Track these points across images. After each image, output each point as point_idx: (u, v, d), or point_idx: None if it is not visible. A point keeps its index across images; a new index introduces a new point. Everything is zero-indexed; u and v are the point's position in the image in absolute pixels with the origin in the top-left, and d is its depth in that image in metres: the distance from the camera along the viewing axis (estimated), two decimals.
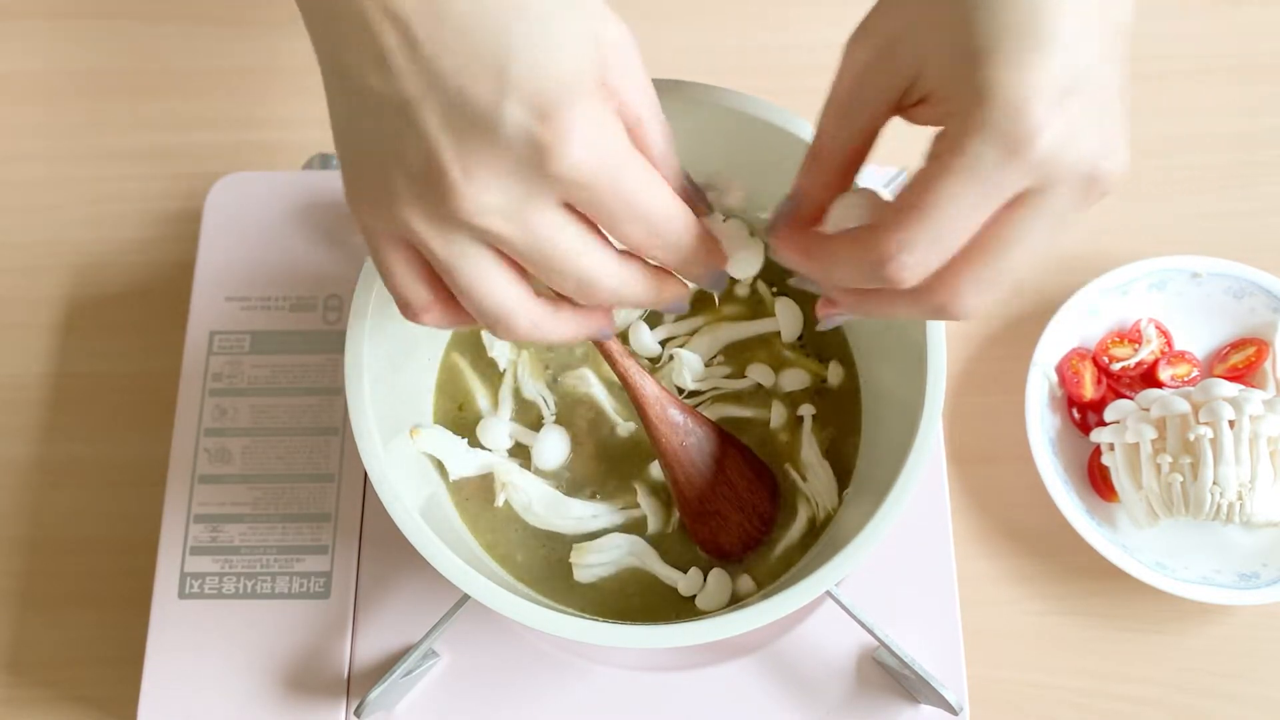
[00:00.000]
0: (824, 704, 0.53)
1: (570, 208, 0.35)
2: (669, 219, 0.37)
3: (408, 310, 0.38)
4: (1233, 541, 0.59)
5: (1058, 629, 0.59)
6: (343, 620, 0.54)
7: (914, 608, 0.54)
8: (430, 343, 0.56)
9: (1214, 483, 0.54)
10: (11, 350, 0.66)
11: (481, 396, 0.56)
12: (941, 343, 0.47)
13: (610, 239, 0.37)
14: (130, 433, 0.63)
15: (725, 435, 0.53)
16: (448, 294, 0.38)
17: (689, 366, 0.55)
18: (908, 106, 0.36)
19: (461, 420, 0.56)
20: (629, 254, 0.38)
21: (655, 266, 0.39)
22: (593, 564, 0.52)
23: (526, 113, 0.32)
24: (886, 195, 0.39)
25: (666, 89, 0.51)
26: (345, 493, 0.57)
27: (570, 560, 0.52)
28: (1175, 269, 0.63)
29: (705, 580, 0.52)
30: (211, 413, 0.58)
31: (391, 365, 0.51)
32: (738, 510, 0.52)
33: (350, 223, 0.62)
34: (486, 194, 0.33)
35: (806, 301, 0.58)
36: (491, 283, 0.36)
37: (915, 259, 0.34)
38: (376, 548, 0.56)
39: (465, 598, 0.48)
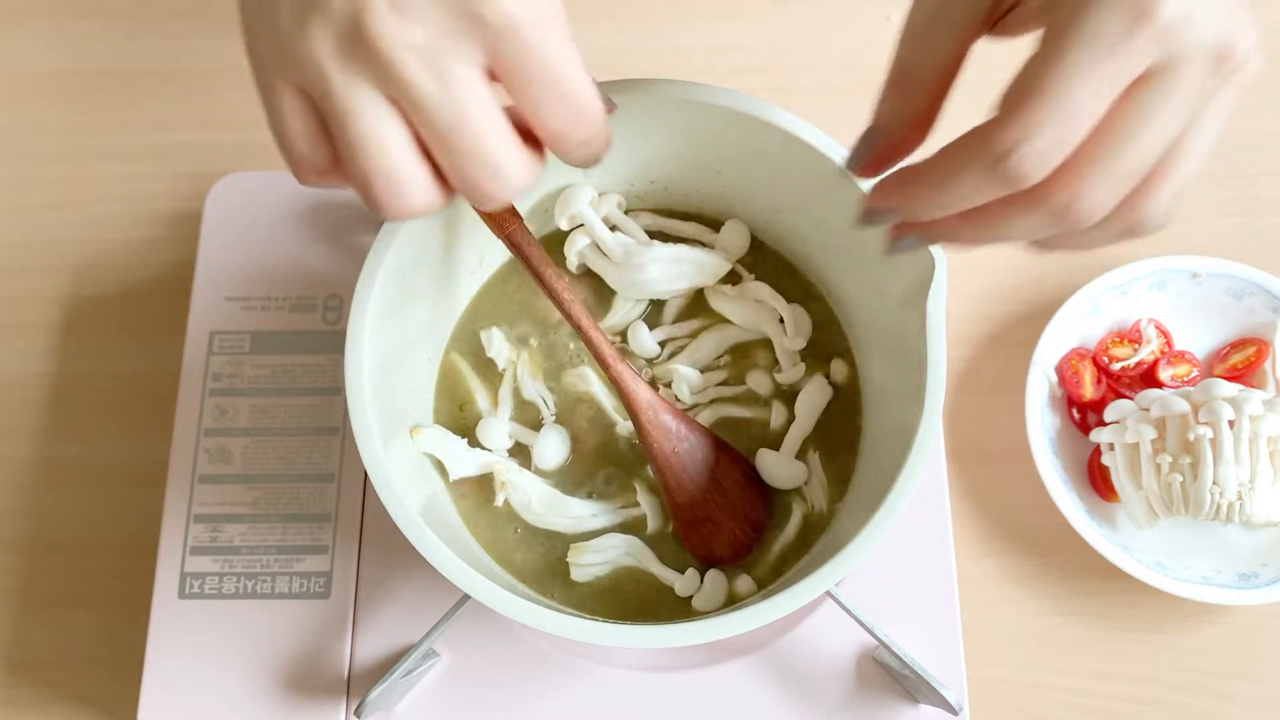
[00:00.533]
0: (824, 704, 0.53)
1: (490, 79, 0.33)
2: (592, 105, 0.34)
3: (299, 169, 0.35)
4: (1232, 541, 0.59)
5: (1058, 629, 0.59)
6: (343, 620, 0.54)
7: (914, 608, 0.54)
8: (430, 343, 0.56)
9: (1214, 483, 0.54)
10: (11, 350, 0.66)
11: (481, 396, 0.56)
12: (941, 343, 0.47)
13: None
14: (130, 433, 0.63)
15: (719, 442, 0.53)
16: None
17: (686, 381, 0.55)
18: (998, 17, 0.33)
19: (462, 420, 0.56)
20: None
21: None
22: (589, 564, 0.52)
23: None
24: None
25: (666, 88, 0.51)
26: (345, 493, 0.57)
27: (567, 559, 0.52)
28: (1175, 269, 0.63)
29: (702, 581, 0.52)
30: (211, 413, 0.58)
31: (391, 365, 0.51)
32: (730, 517, 0.52)
33: (351, 223, 0.62)
34: (412, 26, 0.31)
35: (812, 304, 0.58)
36: (387, 140, 0.32)
37: (1040, 146, 0.31)
38: (376, 548, 0.56)
39: (465, 598, 0.48)
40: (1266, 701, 0.58)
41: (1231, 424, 0.55)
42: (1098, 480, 0.60)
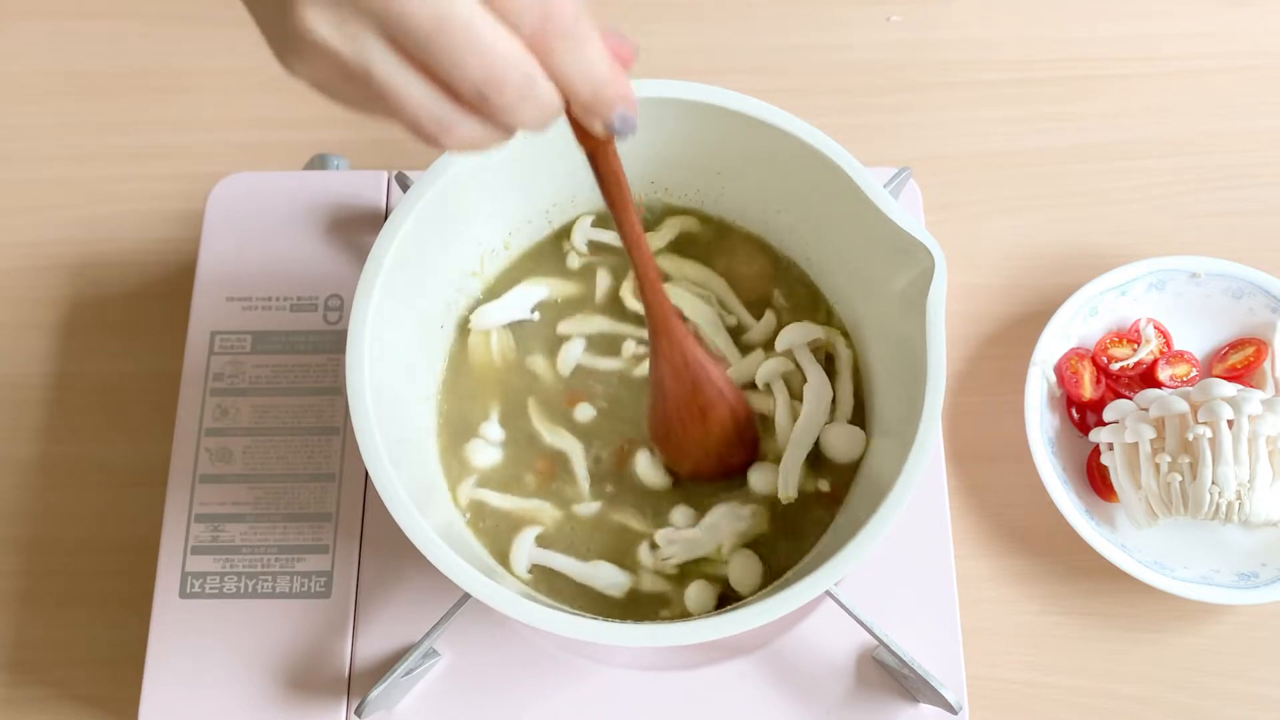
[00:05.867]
0: (824, 704, 0.53)
1: None
2: (568, 5, 0.33)
3: (427, 129, 0.34)
4: (1231, 541, 0.59)
5: (1057, 628, 0.59)
6: (343, 619, 0.54)
7: (914, 607, 0.54)
8: (431, 341, 0.56)
9: (1213, 482, 0.55)
10: (11, 350, 0.66)
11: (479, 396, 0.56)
12: (941, 341, 0.47)
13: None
14: (131, 433, 0.63)
15: (725, 395, 0.53)
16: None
17: None
18: None
19: (464, 421, 0.56)
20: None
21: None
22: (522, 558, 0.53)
23: None
24: None
25: (667, 90, 0.51)
26: (346, 492, 0.57)
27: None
28: (1175, 269, 0.63)
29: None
30: (213, 412, 0.58)
31: (392, 364, 0.51)
32: (704, 454, 0.53)
33: (352, 223, 0.62)
34: None
35: (811, 303, 0.58)
36: (403, 83, 0.33)
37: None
38: (377, 547, 0.56)
39: (466, 597, 0.48)
40: (1266, 701, 0.58)
41: (1230, 424, 0.55)
42: (1097, 480, 0.60)
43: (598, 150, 0.41)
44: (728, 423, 0.53)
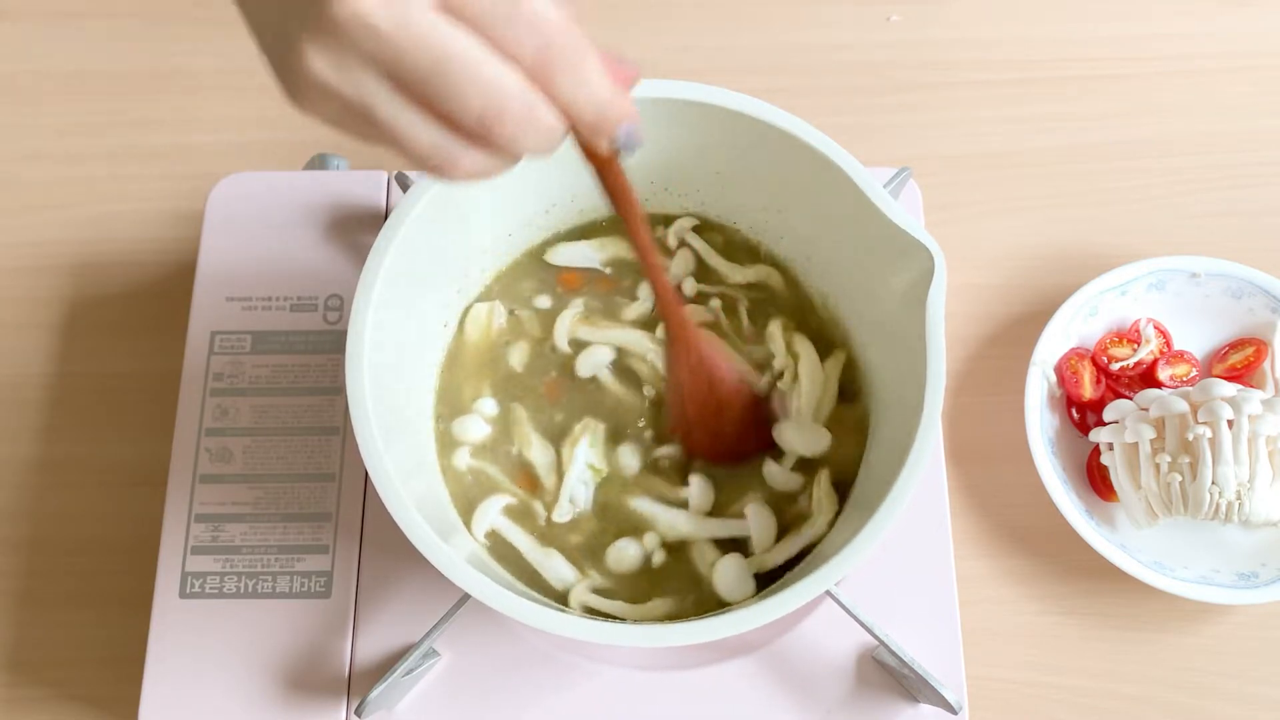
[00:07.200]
0: (824, 704, 0.53)
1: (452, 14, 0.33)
2: (565, 32, 0.33)
3: (432, 162, 0.35)
4: (1231, 541, 0.59)
5: (1057, 628, 0.59)
6: (343, 619, 0.54)
7: (913, 607, 0.54)
8: (431, 342, 0.56)
9: (1213, 482, 0.55)
10: (11, 350, 0.66)
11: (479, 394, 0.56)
12: (941, 341, 0.47)
13: None
14: (131, 433, 0.63)
15: (739, 396, 0.54)
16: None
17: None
18: None
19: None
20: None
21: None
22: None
23: None
24: None
25: (667, 90, 0.51)
26: (346, 492, 0.57)
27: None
28: (1174, 269, 0.63)
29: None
30: (212, 412, 0.58)
31: (392, 365, 0.51)
32: (717, 441, 0.54)
33: (352, 223, 0.62)
34: None
35: (812, 302, 0.58)
36: (404, 120, 0.33)
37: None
38: (377, 547, 0.56)
39: (465, 597, 0.48)
40: (1267, 701, 0.58)
41: (1230, 424, 0.55)
42: (1097, 480, 0.60)
43: (604, 166, 0.41)
44: (744, 413, 0.54)
